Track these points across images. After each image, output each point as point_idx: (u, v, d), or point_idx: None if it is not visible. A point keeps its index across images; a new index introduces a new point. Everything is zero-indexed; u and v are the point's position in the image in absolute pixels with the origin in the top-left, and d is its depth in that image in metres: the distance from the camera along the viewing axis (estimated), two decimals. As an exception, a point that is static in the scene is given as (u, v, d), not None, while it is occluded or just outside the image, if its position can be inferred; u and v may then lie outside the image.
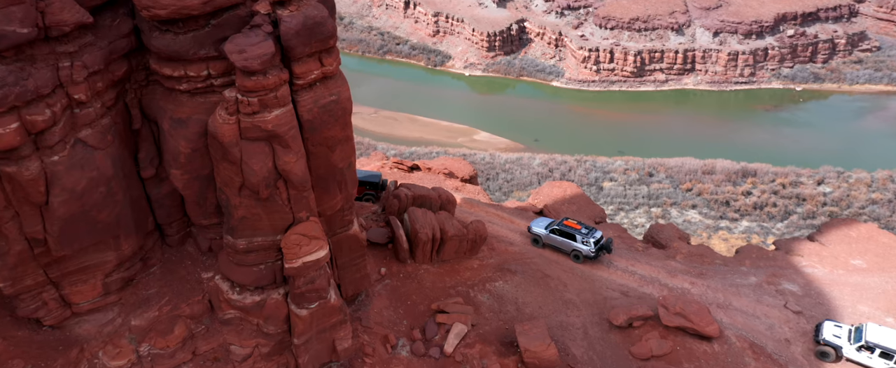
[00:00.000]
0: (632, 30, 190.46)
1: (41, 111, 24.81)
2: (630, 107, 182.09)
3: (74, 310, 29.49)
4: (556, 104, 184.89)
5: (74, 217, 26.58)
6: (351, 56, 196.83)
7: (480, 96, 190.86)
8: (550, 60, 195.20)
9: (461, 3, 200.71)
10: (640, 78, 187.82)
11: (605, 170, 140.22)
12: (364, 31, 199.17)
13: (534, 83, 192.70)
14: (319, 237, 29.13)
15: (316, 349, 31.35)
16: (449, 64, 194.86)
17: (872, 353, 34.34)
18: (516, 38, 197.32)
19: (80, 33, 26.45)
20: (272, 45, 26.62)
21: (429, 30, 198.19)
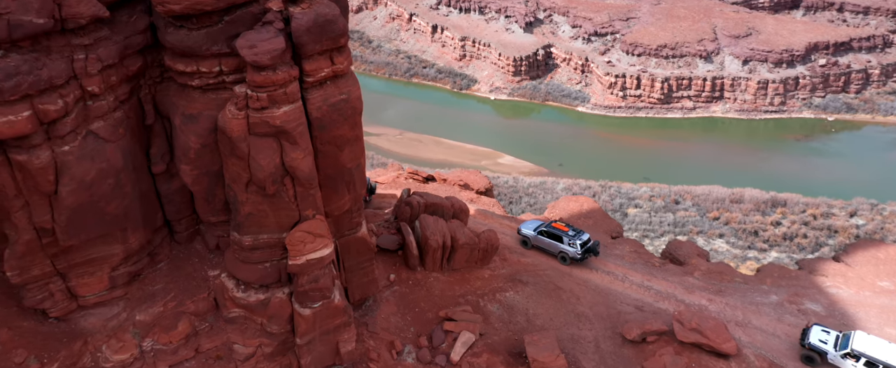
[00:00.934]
0: (659, 56, 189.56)
1: (54, 101, 25.15)
2: (656, 134, 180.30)
3: (80, 303, 29.54)
4: (582, 129, 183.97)
5: (82, 207, 26.75)
6: (378, 78, 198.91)
7: (505, 120, 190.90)
8: (576, 86, 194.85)
9: (488, 28, 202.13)
10: (668, 105, 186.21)
11: (630, 197, 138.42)
12: (391, 54, 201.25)
13: (559, 108, 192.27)
14: (325, 235, 28.89)
15: (319, 350, 30.92)
16: (474, 88, 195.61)
17: (857, 361, 33.50)
18: (542, 63, 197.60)
19: (96, 27, 26.91)
20: (283, 41, 26.77)
21: (455, 54, 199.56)
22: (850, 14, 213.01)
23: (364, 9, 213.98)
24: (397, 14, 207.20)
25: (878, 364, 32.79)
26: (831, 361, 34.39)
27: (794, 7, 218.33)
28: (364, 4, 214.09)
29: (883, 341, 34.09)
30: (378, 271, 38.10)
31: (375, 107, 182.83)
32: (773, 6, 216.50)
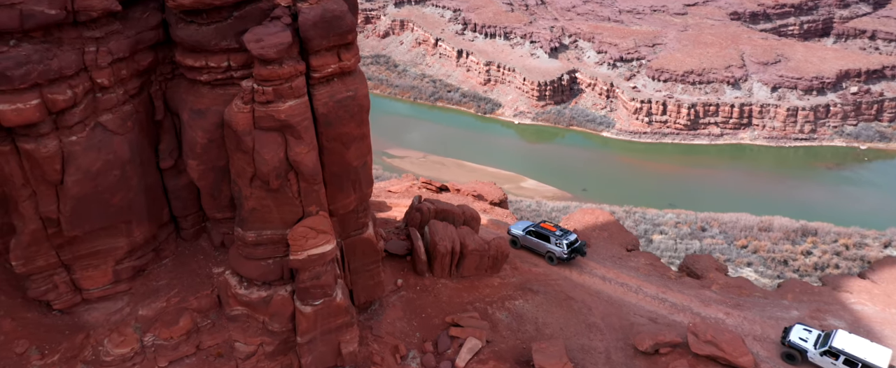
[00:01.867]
0: (686, 82, 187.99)
1: (63, 91, 25.50)
2: (682, 160, 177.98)
3: (85, 296, 29.58)
4: (606, 154, 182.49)
5: (87, 197, 26.92)
6: (403, 102, 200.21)
7: (529, 144, 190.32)
8: (601, 111, 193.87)
9: (513, 53, 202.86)
10: (694, 131, 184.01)
11: (655, 223, 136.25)
12: (417, 78, 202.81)
13: (583, 133, 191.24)
14: (327, 232, 28.64)
15: (320, 350, 30.43)
16: (498, 112, 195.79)
17: (837, 360, 33.23)
18: (567, 88, 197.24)
19: (108, 21, 27.37)
20: (289, 36, 26.92)
21: (480, 78, 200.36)
22: (882, 42, 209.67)
23: (391, 34, 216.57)
24: (423, 39, 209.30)
25: (858, 363, 32.51)
26: (811, 359, 34.12)
27: (825, 35, 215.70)
28: (391, 29, 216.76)
29: (864, 340, 33.85)
30: (385, 276, 37.72)
31: (400, 130, 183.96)
32: (802, 34, 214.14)
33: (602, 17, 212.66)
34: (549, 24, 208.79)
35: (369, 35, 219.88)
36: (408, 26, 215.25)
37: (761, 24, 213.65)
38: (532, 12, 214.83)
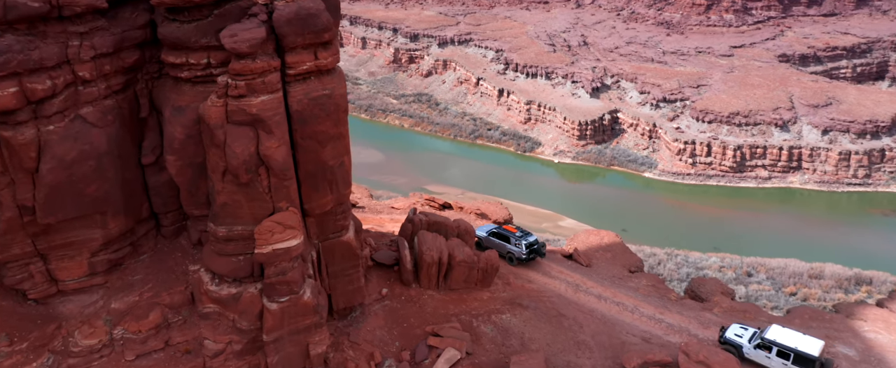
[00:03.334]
0: (731, 124, 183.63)
1: (42, 81, 26.41)
2: (728, 203, 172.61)
3: (60, 287, 29.99)
4: (648, 195, 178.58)
5: (61, 185, 27.53)
6: (443, 139, 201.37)
7: (569, 183, 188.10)
8: (643, 151, 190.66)
9: (554, 93, 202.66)
10: (740, 173, 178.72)
11: (698, 266, 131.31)
12: (457, 116, 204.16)
13: (625, 173, 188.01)
14: (295, 227, 28.45)
15: (288, 351, 29.90)
16: (538, 150, 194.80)
17: (770, 352, 33.45)
18: (609, 127, 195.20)
19: (94, 17, 28.44)
20: (263, 32, 27.42)
21: (520, 117, 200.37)
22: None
23: (433, 73, 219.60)
24: (465, 78, 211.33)
25: (790, 353, 32.69)
26: (747, 354, 34.22)
27: (880, 78, 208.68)
28: (434, 69, 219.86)
29: (797, 332, 34.02)
30: (371, 285, 37.22)
31: (439, 166, 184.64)
32: (855, 76, 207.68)
33: (645, 58, 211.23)
34: (591, 65, 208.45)
35: (413, 74, 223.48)
36: (450, 66, 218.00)
37: (811, 66, 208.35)
38: (574, 53, 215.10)
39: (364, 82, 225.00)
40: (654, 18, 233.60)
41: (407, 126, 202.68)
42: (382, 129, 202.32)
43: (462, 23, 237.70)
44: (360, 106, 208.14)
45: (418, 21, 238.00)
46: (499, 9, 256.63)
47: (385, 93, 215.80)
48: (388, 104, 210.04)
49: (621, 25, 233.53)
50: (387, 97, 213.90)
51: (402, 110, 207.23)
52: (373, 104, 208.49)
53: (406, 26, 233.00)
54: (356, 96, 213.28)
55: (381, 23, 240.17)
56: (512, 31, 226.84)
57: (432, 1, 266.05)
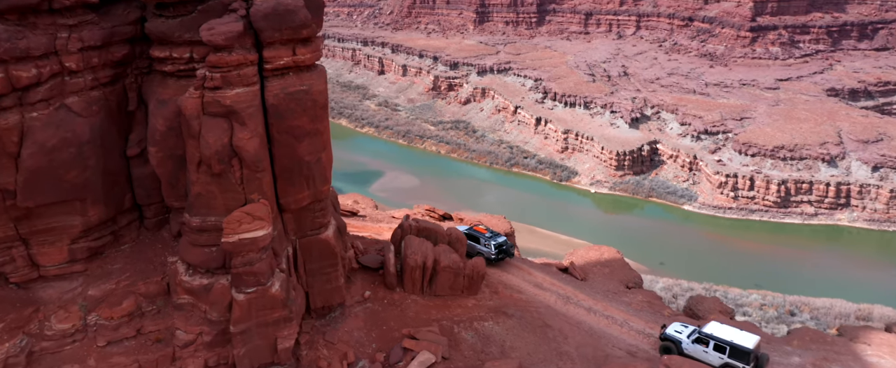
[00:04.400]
0: (776, 158, 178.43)
1: (28, 69, 27.53)
2: (771, 239, 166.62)
3: (42, 273, 30.71)
4: (687, 228, 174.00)
5: (41, 170, 28.42)
6: (479, 166, 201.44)
7: (605, 214, 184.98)
8: (683, 183, 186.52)
9: (592, 123, 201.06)
10: (785, 209, 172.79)
11: (738, 303, 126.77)
12: (494, 143, 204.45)
13: (663, 205, 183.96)
14: (264, 219, 28.64)
15: (256, 344, 29.87)
16: (575, 180, 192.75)
17: (707, 346, 33.96)
18: (647, 158, 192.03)
19: (84, 11, 29.65)
20: (240, 26, 28.11)
21: (557, 146, 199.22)
22: None
23: (472, 101, 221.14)
24: (503, 106, 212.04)
25: (726, 346, 33.27)
26: (685, 349, 34.76)
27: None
28: (472, 97, 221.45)
29: (734, 328, 34.73)
30: (355, 287, 37.08)
31: (474, 193, 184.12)
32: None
33: (687, 90, 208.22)
34: (630, 95, 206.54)
35: (451, 102, 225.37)
36: (489, 94, 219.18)
37: (862, 101, 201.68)
38: (614, 83, 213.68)
39: (403, 109, 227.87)
40: (697, 50, 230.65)
41: (443, 152, 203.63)
42: (419, 155, 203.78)
43: (502, 52, 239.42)
44: (397, 131, 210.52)
45: (458, 50, 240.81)
46: (539, 39, 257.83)
47: (423, 120, 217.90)
48: (426, 130, 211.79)
49: (663, 57, 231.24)
50: (425, 123, 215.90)
51: (439, 137, 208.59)
52: (411, 130, 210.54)
53: (446, 55, 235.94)
54: (394, 122, 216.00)
55: (421, 51, 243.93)
56: (551, 60, 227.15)
57: (473, 30, 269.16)
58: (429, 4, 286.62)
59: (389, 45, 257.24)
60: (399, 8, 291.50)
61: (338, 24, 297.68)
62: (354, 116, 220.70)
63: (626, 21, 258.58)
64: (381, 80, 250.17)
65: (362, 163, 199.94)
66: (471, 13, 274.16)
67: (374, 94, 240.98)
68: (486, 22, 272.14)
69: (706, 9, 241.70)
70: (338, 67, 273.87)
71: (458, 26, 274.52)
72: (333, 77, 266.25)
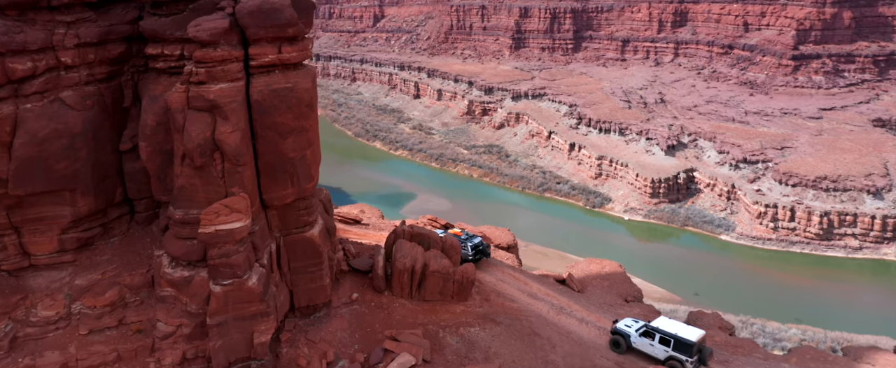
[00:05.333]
0: (818, 189, 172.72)
1: (23, 62, 28.68)
2: (813, 273, 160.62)
3: (32, 261, 31.50)
4: (724, 259, 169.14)
5: (31, 159, 29.35)
6: (511, 191, 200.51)
7: (639, 242, 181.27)
8: (720, 213, 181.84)
9: (627, 149, 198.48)
10: (827, 241, 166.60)
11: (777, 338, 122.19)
12: (527, 168, 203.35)
13: (700, 234, 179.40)
14: (242, 212, 28.86)
15: (233, 338, 29.89)
16: (608, 206, 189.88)
17: (653, 339, 35.26)
18: (683, 186, 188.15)
19: (82, 9, 30.82)
20: (226, 23, 28.81)
21: (591, 172, 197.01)
22: None
23: (506, 125, 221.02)
24: (537, 131, 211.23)
25: (671, 339, 34.48)
26: (634, 343, 36.05)
27: None
28: (506, 121, 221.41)
29: (680, 323, 36.06)
30: (343, 289, 36.98)
31: (505, 217, 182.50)
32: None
33: (725, 118, 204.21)
34: (667, 122, 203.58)
35: (485, 126, 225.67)
36: (523, 119, 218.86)
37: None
38: (650, 110, 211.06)
39: (437, 132, 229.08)
40: (736, 78, 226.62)
41: (476, 176, 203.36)
42: (452, 178, 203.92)
43: (537, 77, 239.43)
44: (431, 154, 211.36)
45: (494, 75, 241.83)
46: (575, 65, 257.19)
47: (456, 144, 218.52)
48: (459, 154, 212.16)
49: (701, 84, 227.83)
50: (458, 147, 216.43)
51: (472, 160, 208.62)
52: (444, 153, 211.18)
53: (481, 80, 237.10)
54: (428, 146, 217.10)
55: (457, 76, 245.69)
56: (587, 86, 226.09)
57: (509, 56, 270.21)
58: (465, 30, 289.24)
59: (425, 70, 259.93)
60: (436, 34, 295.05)
61: (376, 49, 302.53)
62: (389, 139, 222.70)
63: (664, 48, 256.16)
64: (416, 104, 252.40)
65: (396, 185, 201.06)
66: (507, 39, 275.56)
67: (408, 118, 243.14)
68: (522, 48, 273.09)
69: (747, 36, 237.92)
70: (374, 91, 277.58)
71: (494, 52, 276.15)
72: (370, 100, 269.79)
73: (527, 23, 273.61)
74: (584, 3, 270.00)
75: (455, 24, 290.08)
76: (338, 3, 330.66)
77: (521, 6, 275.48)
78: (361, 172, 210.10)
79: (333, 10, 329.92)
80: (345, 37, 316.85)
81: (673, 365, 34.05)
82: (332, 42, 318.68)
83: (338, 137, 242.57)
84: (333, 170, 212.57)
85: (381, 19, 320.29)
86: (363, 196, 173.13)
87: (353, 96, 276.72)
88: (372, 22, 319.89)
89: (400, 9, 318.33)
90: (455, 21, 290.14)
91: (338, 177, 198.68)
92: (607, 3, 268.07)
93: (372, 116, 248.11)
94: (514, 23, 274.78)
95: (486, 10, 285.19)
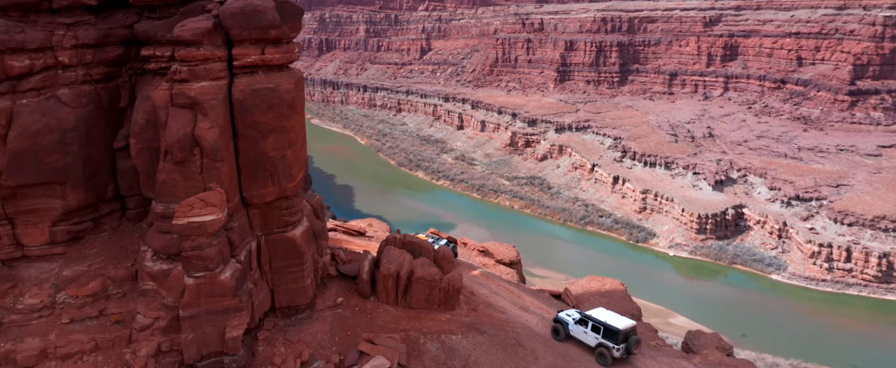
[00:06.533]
0: (876, 229, 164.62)
1: (21, 60, 30.32)
2: (871, 317, 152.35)
3: (25, 253, 32.71)
4: (775, 299, 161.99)
5: (23, 152, 30.74)
6: (552, 223, 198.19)
7: (684, 279, 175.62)
8: (771, 251, 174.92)
9: (673, 184, 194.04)
10: (888, 284, 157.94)
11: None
12: (569, 201, 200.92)
13: (749, 273, 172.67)
14: (216, 206, 29.36)
15: (205, 331, 30.15)
16: (652, 241, 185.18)
17: (587, 326, 36.74)
18: (732, 223, 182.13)
19: (82, 13, 32.52)
20: (209, 23, 29.94)
21: (635, 206, 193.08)
22: None
23: (549, 157, 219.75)
24: (580, 164, 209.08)
25: (601, 326, 36.02)
26: (571, 332, 37.61)
27: None
28: (549, 153, 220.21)
29: (613, 313, 37.52)
30: (329, 292, 37.04)
31: (546, 250, 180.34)
32: None
33: (777, 154, 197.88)
34: (715, 157, 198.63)
35: (527, 158, 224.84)
36: (566, 151, 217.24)
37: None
38: (698, 144, 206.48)
39: (479, 163, 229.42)
40: (789, 113, 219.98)
41: (517, 207, 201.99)
42: (492, 209, 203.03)
43: (581, 110, 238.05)
44: (472, 185, 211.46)
45: (538, 107, 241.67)
46: (621, 98, 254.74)
47: (498, 175, 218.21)
48: (501, 185, 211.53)
49: (752, 119, 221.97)
50: (500, 178, 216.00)
51: (513, 192, 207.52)
52: (485, 184, 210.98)
53: (525, 112, 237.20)
54: (470, 176, 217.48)
55: (501, 107, 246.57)
56: (632, 119, 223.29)
57: (554, 89, 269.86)
58: (510, 63, 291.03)
59: (469, 102, 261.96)
60: (481, 66, 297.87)
61: (422, 81, 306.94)
62: (431, 169, 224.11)
63: (714, 82, 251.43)
64: (459, 135, 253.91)
65: (436, 214, 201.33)
66: (552, 72, 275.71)
67: (451, 148, 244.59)
68: (566, 81, 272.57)
69: (800, 71, 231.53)
70: (419, 122, 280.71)
71: (538, 84, 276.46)
72: (414, 131, 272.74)
73: (572, 56, 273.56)
74: (631, 37, 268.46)
75: (500, 56, 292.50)
76: (386, 37, 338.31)
77: (566, 39, 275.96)
78: (403, 201, 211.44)
79: (382, 43, 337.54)
80: (392, 69, 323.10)
81: (602, 352, 35.63)
82: (379, 74, 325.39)
83: (381, 166, 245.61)
84: (376, 198, 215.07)
85: (427, 52, 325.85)
86: (404, 224, 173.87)
87: (397, 127, 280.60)
88: (418, 55, 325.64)
89: (446, 42, 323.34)
90: (500, 54, 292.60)
91: (380, 206, 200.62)
92: (654, 37, 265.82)
93: (415, 146, 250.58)
94: (560, 56, 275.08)
95: (531, 44, 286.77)
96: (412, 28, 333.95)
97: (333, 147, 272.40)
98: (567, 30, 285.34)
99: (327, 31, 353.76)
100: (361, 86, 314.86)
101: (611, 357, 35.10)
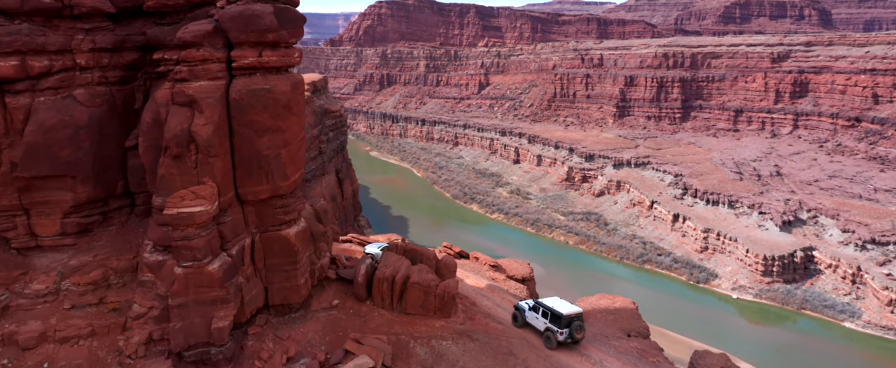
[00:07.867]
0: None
1: (40, 60, 32.54)
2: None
3: (39, 243, 34.49)
4: (848, 349, 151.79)
5: (38, 145, 32.70)
6: (608, 260, 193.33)
7: (748, 324, 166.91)
8: (844, 297, 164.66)
9: (737, 223, 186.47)
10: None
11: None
12: (626, 238, 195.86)
13: (819, 320, 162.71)
14: (206, 198, 30.27)
15: (193, 321, 30.82)
16: (714, 283, 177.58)
17: (538, 313, 38.83)
18: (801, 266, 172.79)
19: (101, 19, 34.75)
20: (209, 26, 31.49)
21: (696, 245, 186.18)
22: None
23: (606, 193, 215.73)
24: (639, 201, 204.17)
25: (549, 312, 38.05)
26: (527, 319, 39.58)
27: None
28: (606, 189, 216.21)
29: (565, 302, 39.36)
30: (326, 294, 37.34)
31: (601, 286, 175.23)
32: None
33: (851, 194, 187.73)
34: (783, 197, 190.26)
35: (584, 193, 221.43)
36: (624, 187, 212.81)
37: None
38: (765, 183, 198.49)
39: (534, 197, 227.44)
40: (864, 152, 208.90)
41: (571, 243, 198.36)
42: (546, 244, 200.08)
43: (641, 146, 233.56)
44: (526, 219, 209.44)
45: (595, 142, 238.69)
46: (682, 134, 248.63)
47: (553, 209, 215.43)
48: (556, 220, 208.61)
49: (824, 158, 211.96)
50: (555, 213, 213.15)
51: (568, 227, 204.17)
52: (540, 219, 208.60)
53: (582, 146, 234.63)
54: (524, 210, 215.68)
55: (558, 142, 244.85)
56: (694, 156, 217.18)
57: (613, 124, 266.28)
58: (568, 98, 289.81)
59: (526, 136, 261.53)
60: (539, 101, 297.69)
61: (479, 115, 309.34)
62: (486, 202, 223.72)
63: (782, 120, 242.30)
64: (515, 169, 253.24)
65: (489, 248, 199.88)
66: (611, 107, 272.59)
67: (507, 182, 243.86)
68: (626, 116, 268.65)
69: (876, 109, 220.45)
70: (475, 155, 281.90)
71: (596, 120, 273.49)
72: (470, 164, 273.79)
73: (632, 91, 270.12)
74: (694, 73, 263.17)
75: (558, 91, 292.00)
76: (445, 72, 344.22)
77: (626, 75, 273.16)
78: (456, 233, 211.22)
79: (441, 77, 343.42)
80: (450, 103, 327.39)
81: (548, 336, 37.66)
82: (437, 108, 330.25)
83: (436, 199, 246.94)
84: (429, 230, 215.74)
85: (485, 87, 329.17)
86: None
87: (454, 160, 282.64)
88: (477, 89, 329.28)
89: (504, 77, 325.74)
90: (558, 89, 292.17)
91: (431, 237, 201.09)
92: (719, 73, 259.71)
93: (471, 179, 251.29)
94: (619, 91, 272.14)
95: (590, 79, 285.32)
96: (471, 63, 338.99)
97: (390, 178, 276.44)
98: (627, 65, 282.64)
99: (388, 67, 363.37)
100: (420, 120, 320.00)
101: (556, 340, 37.22)
